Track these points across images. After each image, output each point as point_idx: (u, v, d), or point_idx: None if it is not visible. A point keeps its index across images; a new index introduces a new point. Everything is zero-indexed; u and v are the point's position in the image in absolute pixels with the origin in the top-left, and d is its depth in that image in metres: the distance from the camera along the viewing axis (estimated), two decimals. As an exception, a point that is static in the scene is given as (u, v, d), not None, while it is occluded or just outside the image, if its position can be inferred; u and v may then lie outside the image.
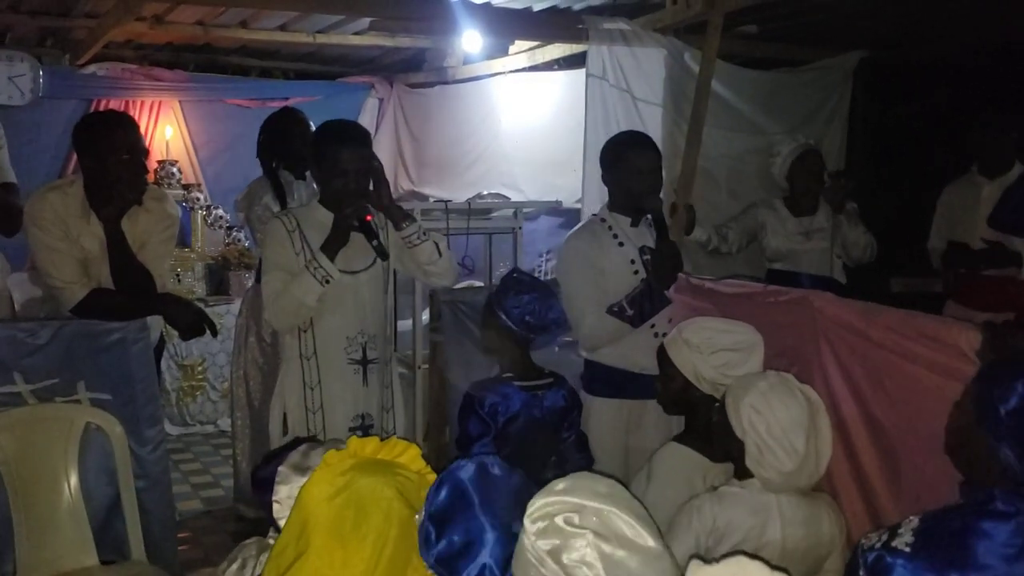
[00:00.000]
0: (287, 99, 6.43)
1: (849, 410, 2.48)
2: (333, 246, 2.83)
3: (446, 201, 4.82)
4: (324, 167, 2.92)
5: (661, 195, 3.21)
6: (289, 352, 3.00)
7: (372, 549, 1.66)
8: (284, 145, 4.08)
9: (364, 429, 2.97)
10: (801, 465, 2.04)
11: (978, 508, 1.55)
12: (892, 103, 5.26)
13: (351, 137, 2.95)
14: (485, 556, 1.53)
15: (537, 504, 1.40)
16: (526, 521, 1.39)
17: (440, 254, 3.01)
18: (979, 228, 3.88)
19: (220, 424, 5.76)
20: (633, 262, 3.09)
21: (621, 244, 3.12)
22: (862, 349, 2.46)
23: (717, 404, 2.24)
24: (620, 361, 3.08)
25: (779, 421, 2.04)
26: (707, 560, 1.28)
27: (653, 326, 3.05)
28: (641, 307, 2.99)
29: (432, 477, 1.78)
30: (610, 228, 3.15)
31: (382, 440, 1.87)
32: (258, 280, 4.18)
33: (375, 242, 2.86)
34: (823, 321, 2.56)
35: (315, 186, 4.02)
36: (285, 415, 2.97)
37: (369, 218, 2.85)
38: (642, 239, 3.13)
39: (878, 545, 1.56)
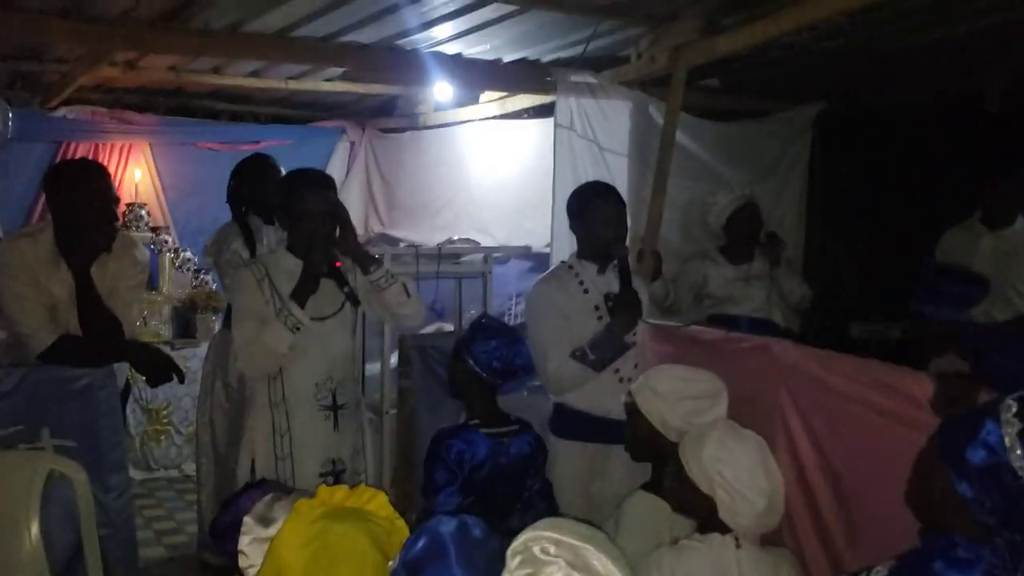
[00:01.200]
0: (258, 143, 6.45)
1: (809, 459, 2.51)
2: (303, 293, 2.87)
3: (416, 246, 4.86)
4: (291, 213, 2.96)
5: (627, 243, 3.27)
6: (258, 399, 3.00)
7: None
8: (254, 190, 4.07)
9: (335, 475, 2.98)
10: (769, 503, 2.08)
11: (942, 555, 1.57)
12: (850, 151, 5.39)
13: (316, 183, 3.01)
14: None
15: (520, 539, 1.45)
16: (507, 554, 1.44)
17: (408, 296, 3.05)
18: None
19: (185, 469, 5.69)
20: (597, 308, 3.15)
21: (586, 291, 3.18)
22: (820, 396, 2.50)
23: (671, 471, 2.25)
24: (587, 405, 3.12)
25: (741, 464, 2.08)
26: None
27: (618, 371, 3.10)
28: (603, 352, 3.05)
29: (401, 523, 1.81)
30: (577, 275, 3.21)
31: (352, 486, 1.89)
32: (226, 325, 4.21)
33: (346, 289, 2.90)
34: (783, 368, 2.61)
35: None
36: (254, 462, 2.97)
37: (339, 264, 2.89)
38: (607, 286, 3.19)
39: None
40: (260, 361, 2.90)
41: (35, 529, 2.76)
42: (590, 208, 3.21)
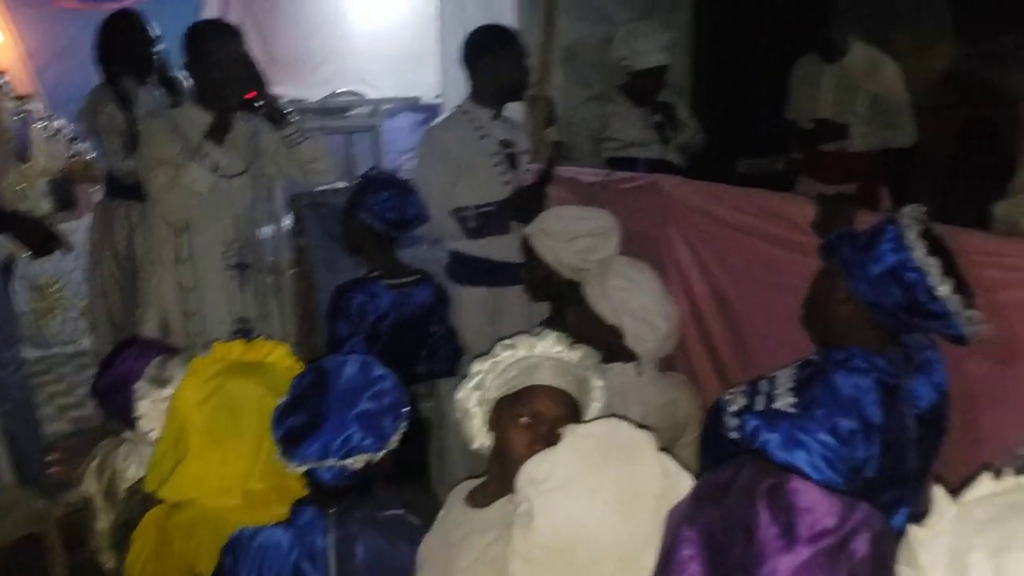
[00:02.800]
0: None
1: (700, 289, 2.63)
2: (219, 132, 2.84)
3: (299, 101, 4.69)
4: (198, 63, 2.89)
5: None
6: (163, 255, 2.97)
7: (251, 446, 1.72)
8: (124, 49, 3.87)
9: (245, 333, 2.98)
10: (672, 328, 2.18)
11: (840, 365, 1.65)
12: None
13: (221, 30, 2.96)
14: (325, 437, 1.61)
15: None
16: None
17: (322, 151, 3.05)
18: (818, 108, 4.08)
19: (82, 343, 5.56)
20: (494, 155, 3.13)
21: (483, 137, 3.14)
22: (708, 228, 2.61)
23: (572, 308, 2.33)
24: (480, 251, 3.16)
25: (646, 291, 2.17)
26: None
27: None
28: (486, 225, 3.07)
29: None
30: (472, 120, 3.16)
31: None
32: (109, 193, 4.06)
33: (263, 108, 2.89)
34: (672, 204, 2.69)
35: (163, 91, 3.92)
36: (166, 319, 2.97)
37: (250, 96, 2.86)
38: (504, 132, 3.17)
39: (758, 407, 1.63)
40: (179, 205, 2.85)
41: (-69, 409, 2.71)
42: (488, 53, 3.13)
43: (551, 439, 1.49)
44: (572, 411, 1.63)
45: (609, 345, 2.20)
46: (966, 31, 4.78)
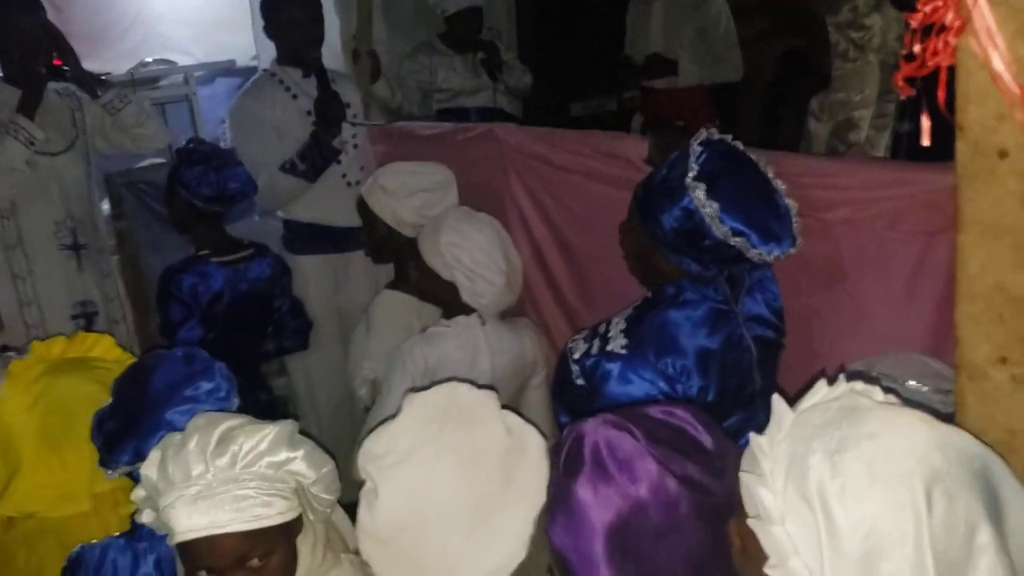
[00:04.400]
0: None
1: (542, 235, 2.63)
2: (30, 104, 2.72)
3: (105, 74, 4.37)
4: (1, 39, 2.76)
5: (335, 43, 3.11)
6: None
7: (90, 446, 1.60)
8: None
9: (87, 316, 2.91)
10: (508, 280, 2.16)
11: (671, 301, 1.68)
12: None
13: (20, 3, 2.80)
14: (139, 440, 1.51)
15: None
16: None
17: (147, 115, 2.96)
18: (650, 44, 4.13)
19: None
20: (310, 113, 3.00)
21: (295, 96, 3.03)
22: (547, 174, 2.59)
23: (413, 264, 2.30)
24: (317, 216, 3.06)
25: (478, 246, 2.13)
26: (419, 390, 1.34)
27: (344, 176, 3.04)
28: (312, 161, 2.95)
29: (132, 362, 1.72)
30: (281, 82, 3.05)
31: (111, 330, 1.76)
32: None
33: (71, 73, 2.80)
34: (509, 152, 2.66)
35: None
36: None
37: (57, 62, 2.77)
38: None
39: (594, 351, 1.65)
40: None
41: None
42: (279, 10, 3.01)
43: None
44: (257, 535, 1.30)
45: (449, 299, 2.20)
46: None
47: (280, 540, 1.34)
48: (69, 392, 1.67)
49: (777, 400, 0.98)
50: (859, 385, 0.97)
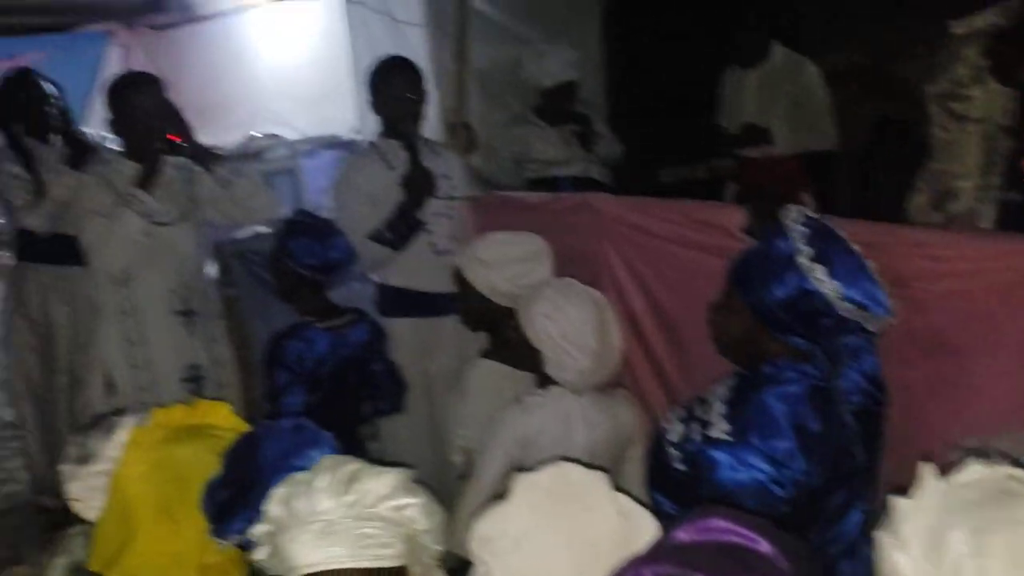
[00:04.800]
0: (12, 57, 5.85)
1: (637, 302, 2.64)
2: (147, 178, 2.87)
3: (215, 146, 4.59)
4: (122, 117, 2.92)
5: (434, 116, 3.22)
6: (107, 309, 2.96)
7: (191, 519, 1.64)
8: (21, 108, 3.80)
9: (196, 380, 2.99)
10: (597, 361, 2.11)
11: (771, 380, 1.65)
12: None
13: (141, 81, 3.03)
14: (251, 510, 1.50)
15: None
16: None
17: (259, 188, 3.10)
18: (744, 113, 4.15)
19: (3, 415, 5.33)
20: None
21: (392, 168, 3.11)
22: (642, 242, 2.62)
23: (510, 329, 2.28)
24: (407, 281, 3.14)
25: (571, 323, 2.10)
26: (526, 469, 1.32)
27: (434, 244, 3.11)
28: (398, 230, 3.03)
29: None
30: (381, 154, 3.15)
31: (220, 399, 1.82)
32: (20, 257, 3.92)
33: (187, 150, 2.93)
34: (604, 221, 2.69)
35: (66, 148, 3.81)
36: (111, 376, 2.94)
37: (175, 138, 2.90)
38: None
39: (696, 437, 1.63)
40: (116, 253, 2.87)
41: None
42: (378, 87, 3.14)
43: None
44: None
45: (542, 368, 2.18)
46: (863, 28, 4.93)
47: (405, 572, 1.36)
48: (186, 461, 1.69)
49: (925, 468, 0.97)
50: (1020, 472, 0.95)
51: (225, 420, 1.78)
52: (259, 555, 1.39)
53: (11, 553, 3.70)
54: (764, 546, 1.00)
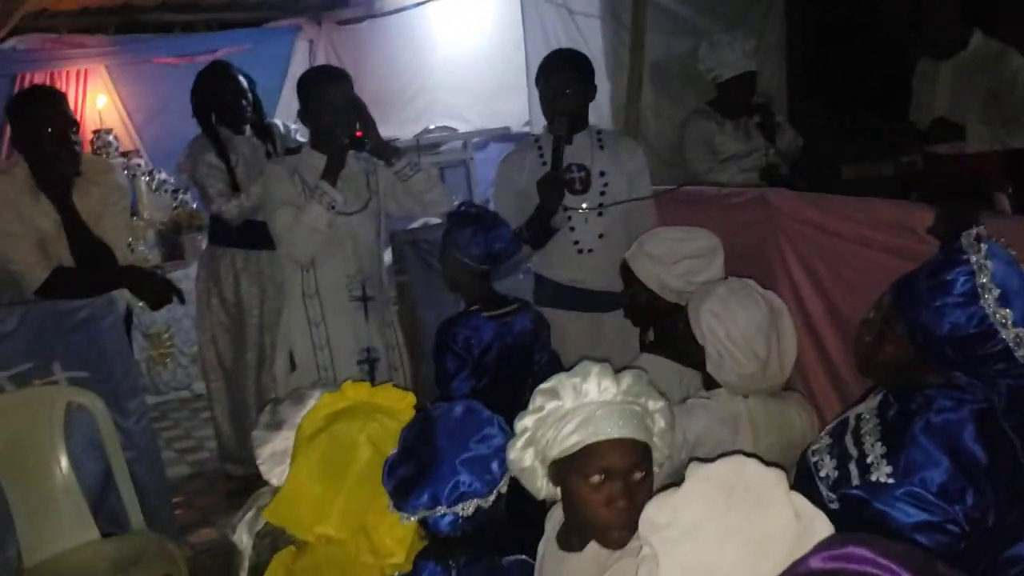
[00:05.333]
0: (215, 51, 6.27)
1: (813, 303, 2.55)
2: (333, 171, 2.98)
3: (392, 140, 4.77)
4: (310, 109, 3.05)
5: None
6: (291, 291, 3.12)
7: (336, 494, 1.75)
8: (218, 100, 4.00)
9: (370, 362, 3.12)
10: (763, 368, 2.05)
11: (928, 409, 1.58)
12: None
13: (330, 75, 3.14)
14: (435, 485, 1.62)
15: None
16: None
17: (434, 182, 3.19)
18: (935, 108, 3.92)
19: (194, 388, 5.74)
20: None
21: (545, 163, 3.11)
22: (820, 240, 2.53)
23: (680, 317, 2.24)
24: (554, 274, 3.17)
25: (738, 326, 2.04)
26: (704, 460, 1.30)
27: (577, 243, 3.10)
28: (534, 233, 3.05)
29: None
30: (539, 149, 3.15)
31: (389, 381, 1.92)
32: (212, 241, 4.19)
33: (371, 145, 3.04)
34: (780, 217, 2.62)
35: (257, 139, 4.04)
36: (292, 353, 3.09)
37: (359, 134, 3.02)
38: (576, 156, 3.10)
39: (855, 482, 1.58)
40: (302, 242, 2.98)
41: (64, 461, 2.82)
42: (540, 80, 3.14)
43: (628, 490, 1.50)
44: (642, 453, 1.55)
45: (706, 369, 2.13)
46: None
47: (651, 464, 1.57)
48: (341, 435, 1.80)
49: None
50: None
51: (405, 412, 1.87)
52: (514, 449, 1.60)
53: (198, 516, 3.98)
54: (897, 569, 0.96)
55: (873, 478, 1.56)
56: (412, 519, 1.65)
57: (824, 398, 2.52)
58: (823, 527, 1.18)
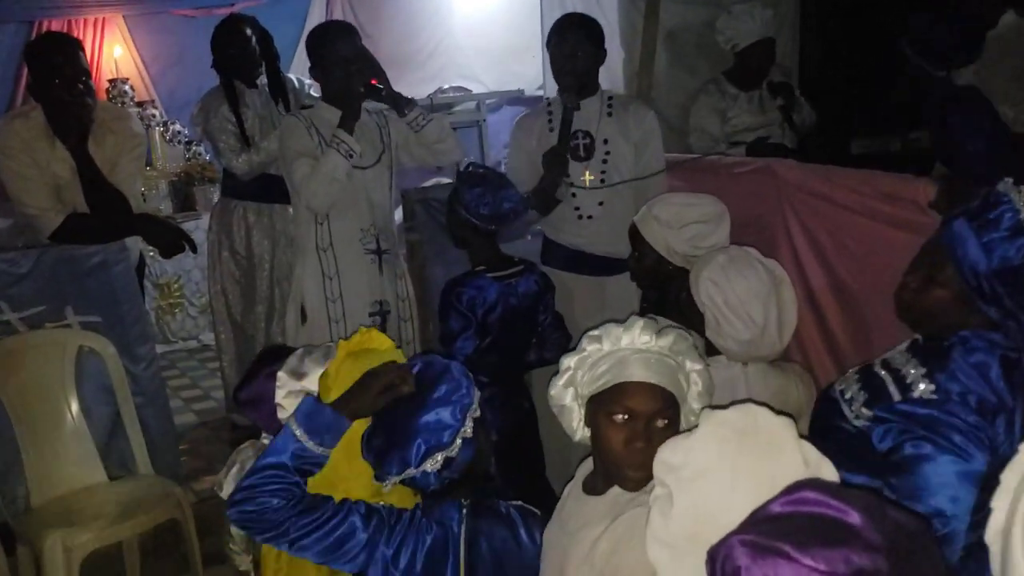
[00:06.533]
0: (231, 5, 6.26)
1: (815, 274, 2.57)
2: (349, 121, 3.01)
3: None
4: (323, 64, 3.07)
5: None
6: (305, 245, 3.14)
7: None
8: (234, 53, 4.00)
9: (382, 315, 3.16)
10: (760, 335, 2.07)
11: (961, 347, 1.62)
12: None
13: (340, 29, 3.17)
14: (401, 451, 1.66)
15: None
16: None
17: (447, 131, 3.20)
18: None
19: (202, 339, 5.81)
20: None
21: (552, 129, 3.12)
22: (825, 212, 2.54)
23: (683, 291, 2.26)
24: (556, 236, 3.21)
25: (736, 293, 2.07)
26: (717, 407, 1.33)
27: (577, 209, 3.13)
28: (540, 202, 3.08)
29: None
30: (549, 115, 3.17)
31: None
32: (224, 193, 4.23)
33: (385, 93, 3.05)
34: (786, 188, 2.63)
35: (272, 93, 4.05)
36: (303, 307, 3.12)
37: (374, 82, 3.04)
38: (584, 123, 3.11)
39: (897, 398, 1.62)
40: (322, 191, 2.99)
41: (74, 404, 2.88)
42: (551, 42, 3.13)
43: (649, 434, 1.54)
44: (669, 402, 1.59)
45: (705, 334, 2.15)
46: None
47: (678, 418, 1.61)
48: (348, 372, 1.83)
49: None
50: None
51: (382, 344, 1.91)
52: (556, 387, 1.68)
53: (203, 464, 4.05)
54: (854, 517, 1.00)
55: (916, 394, 1.60)
56: (390, 487, 1.70)
57: (820, 366, 2.55)
58: (829, 473, 1.21)
